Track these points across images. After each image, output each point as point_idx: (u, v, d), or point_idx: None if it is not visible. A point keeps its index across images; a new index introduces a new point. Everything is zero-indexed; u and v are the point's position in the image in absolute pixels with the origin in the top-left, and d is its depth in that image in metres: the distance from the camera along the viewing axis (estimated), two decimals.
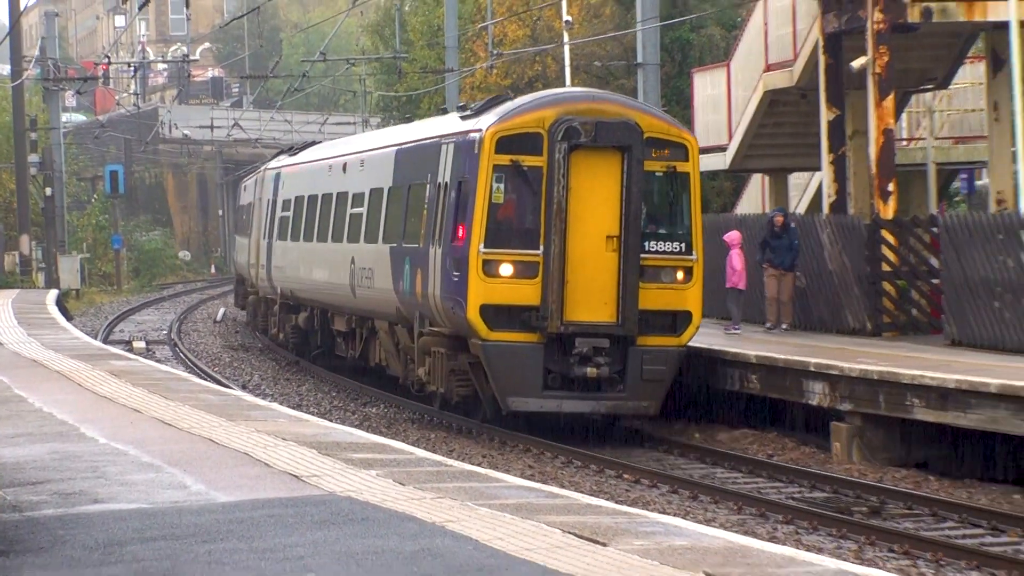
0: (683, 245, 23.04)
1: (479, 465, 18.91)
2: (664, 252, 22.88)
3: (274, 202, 37.95)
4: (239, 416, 18.35)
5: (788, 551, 10.75)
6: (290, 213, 35.50)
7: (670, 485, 20.44)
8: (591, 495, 16.68)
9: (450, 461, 16.14)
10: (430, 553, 10.25)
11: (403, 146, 27.56)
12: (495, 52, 43.03)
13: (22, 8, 56.63)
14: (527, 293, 22.32)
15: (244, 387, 31.30)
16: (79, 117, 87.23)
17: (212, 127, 74.63)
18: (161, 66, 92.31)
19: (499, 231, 22.44)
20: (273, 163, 40.11)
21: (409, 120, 41.02)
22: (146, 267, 74.65)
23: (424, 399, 26.27)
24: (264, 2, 45.79)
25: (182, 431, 17.03)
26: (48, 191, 58.24)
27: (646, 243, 22.52)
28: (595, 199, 22.45)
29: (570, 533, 10.74)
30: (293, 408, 24.64)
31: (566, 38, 40.11)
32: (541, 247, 22.16)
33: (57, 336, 32.77)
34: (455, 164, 23.70)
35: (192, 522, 11.53)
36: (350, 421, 26.01)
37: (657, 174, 22.96)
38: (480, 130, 22.71)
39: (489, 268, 22.21)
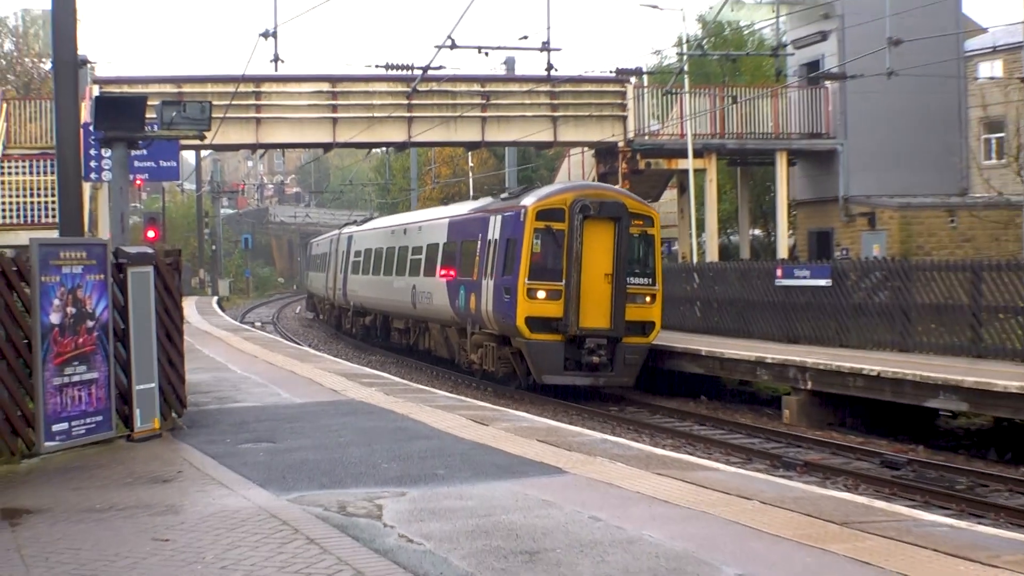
0: (651, 280, 31.73)
1: (444, 390, 31.87)
2: (639, 284, 31.40)
3: (348, 252, 55.73)
4: (307, 359, 31.75)
5: (579, 429, 19.37)
6: (361, 259, 51.96)
7: (600, 420, 28.59)
8: (493, 404, 27.36)
9: (410, 383, 26.42)
10: (402, 428, 17.55)
11: (455, 218, 38.43)
12: (436, 180, 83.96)
13: (203, 155, 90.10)
14: (554, 309, 30.77)
15: (309, 346, 47.70)
16: (228, 211, 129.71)
17: (295, 216, 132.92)
18: (270, 186, 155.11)
19: (537, 270, 31.02)
20: (345, 230, 59.52)
21: (393, 212, 69.17)
22: (261, 285, 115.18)
23: (464, 372, 37.42)
24: (321, 156, 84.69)
25: (278, 367, 28.85)
26: (214, 247, 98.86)
27: (628, 278, 30.97)
28: (598, 250, 30.71)
29: (470, 420, 18.63)
30: (333, 357, 36.59)
31: (471, 175, 73.90)
32: (563, 280, 30.65)
33: (217, 319, 54.45)
34: (503, 228, 32.54)
35: (283, 412, 19.59)
36: (372, 365, 39.71)
37: (635, 235, 31.40)
38: (525, 206, 31.47)
39: (531, 293, 30.93)
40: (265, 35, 31.67)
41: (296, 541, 10.49)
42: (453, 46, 33.10)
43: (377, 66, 39.33)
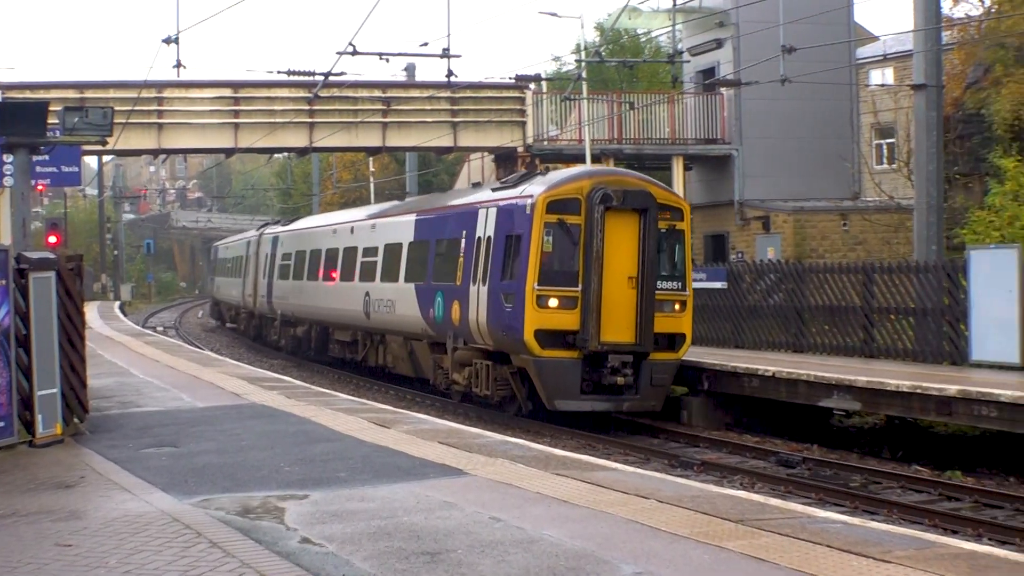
0: (680, 284, 27.08)
1: (346, 393, 31.64)
2: (668, 289, 26.69)
3: (273, 254, 50.20)
4: (209, 364, 31.53)
5: (480, 431, 19.52)
6: (291, 262, 46.85)
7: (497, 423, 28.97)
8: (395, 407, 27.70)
9: (312, 387, 26.45)
10: (303, 431, 17.80)
11: (424, 214, 33.75)
12: (337, 185, 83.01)
13: (105, 161, 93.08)
14: (569, 320, 25.85)
15: (212, 350, 46.96)
16: (130, 216, 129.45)
17: (197, 221, 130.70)
18: (172, 191, 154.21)
19: (548, 273, 26.01)
20: (268, 231, 53.66)
21: (296, 216, 59.26)
22: (163, 290, 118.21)
23: (439, 395, 32.42)
24: (223, 161, 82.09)
25: (180, 371, 28.81)
26: (116, 252, 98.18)
27: (656, 282, 26.29)
28: (621, 248, 26.00)
29: (372, 422, 18.83)
30: (235, 361, 36.62)
31: (372, 180, 71.38)
32: (579, 285, 25.75)
33: (119, 324, 54.22)
34: (501, 222, 27.62)
35: (185, 416, 19.80)
36: (274, 369, 40.14)
37: (663, 230, 26.54)
38: (532, 196, 26.39)
39: (541, 301, 25.86)
40: (168, 41, 31.47)
41: (199, 545, 10.56)
42: (354, 52, 33.09)
43: (279, 72, 39.21)
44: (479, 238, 28.59)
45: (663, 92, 49.25)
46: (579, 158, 44.30)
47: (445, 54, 35.85)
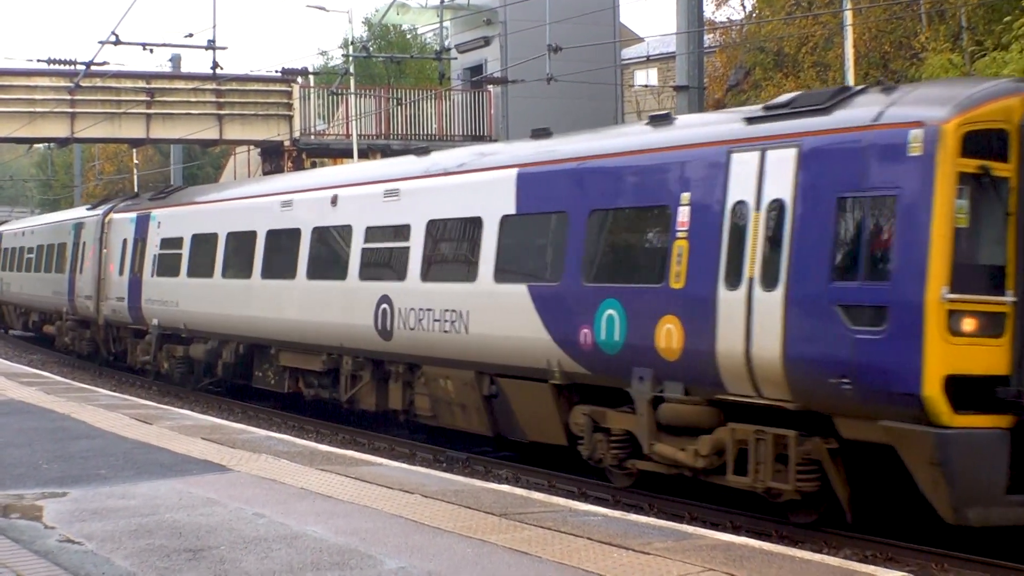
0: None
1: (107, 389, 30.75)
2: None
3: (142, 242, 35.25)
4: None
5: (244, 426, 19.75)
6: (184, 251, 32.15)
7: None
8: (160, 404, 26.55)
9: (73, 382, 26.10)
10: (62, 427, 17.95)
11: (540, 167, 19.95)
12: (100, 177, 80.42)
13: None
14: (994, 358, 14.36)
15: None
16: None
17: None
18: None
19: (964, 270, 14.40)
20: (127, 213, 37.96)
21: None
22: None
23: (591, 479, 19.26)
24: None
25: None
26: None
27: None
28: None
29: (134, 419, 18.87)
30: None
31: (136, 172, 69.23)
32: (1010, 291, 14.35)
33: None
34: (813, 174, 15.32)
35: None
36: (33, 364, 39.26)
37: None
38: (924, 122, 14.34)
39: (955, 322, 14.22)
40: None
41: None
42: (117, 42, 32.52)
43: (39, 60, 38.36)
44: (737, 205, 16.14)
45: (431, 88, 49.44)
46: (347, 152, 44.27)
47: (211, 46, 35.50)
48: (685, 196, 16.94)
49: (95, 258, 39.18)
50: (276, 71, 43.66)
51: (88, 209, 43.68)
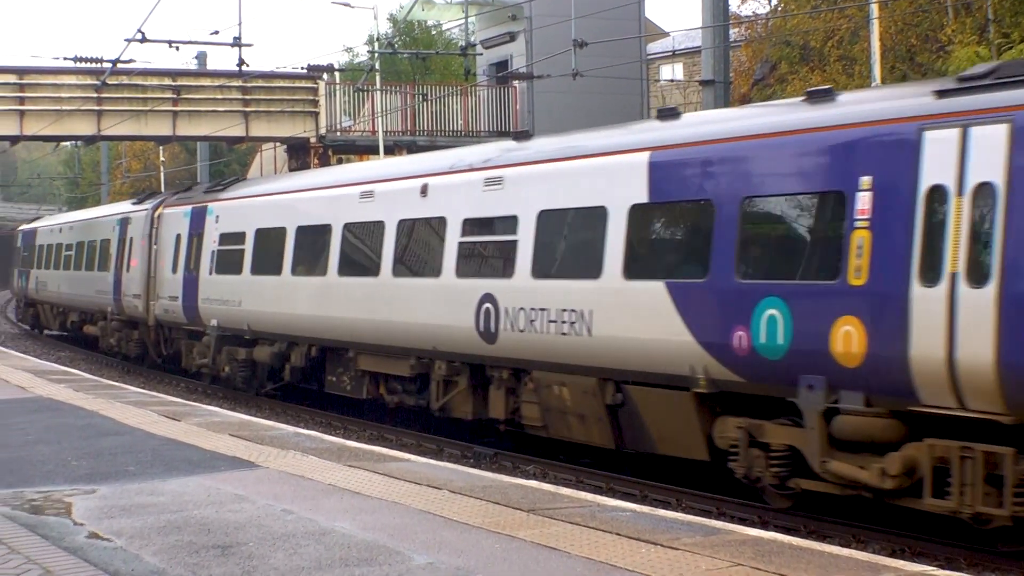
0: None
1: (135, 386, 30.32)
2: None
3: (197, 236, 32.68)
4: None
5: (272, 423, 19.90)
6: (245, 246, 29.61)
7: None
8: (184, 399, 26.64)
9: (101, 379, 26.14)
10: (91, 424, 17.96)
11: (682, 149, 17.38)
12: (127, 175, 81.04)
13: None
14: None
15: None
16: None
17: None
18: None
19: None
20: (177, 203, 35.74)
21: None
22: None
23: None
24: (8, 149, 63.77)
25: None
26: None
27: None
28: None
29: (162, 415, 18.89)
30: (21, 353, 35.89)
31: (163, 170, 70.33)
32: None
33: None
34: None
35: None
36: (61, 362, 38.93)
37: None
38: None
39: None
40: None
41: None
42: (143, 39, 32.55)
43: (66, 58, 38.44)
44: (933, 189, 13.99)
45: (456, 84, 49.44)
46: (372, 149, 44.29)
47: (236, 43, 35.51)
48: (865, 180, 14.72)
49: (144, 255, 36.71)
50: (302, 68, 43.79)
51: (134, 203, 41.45)
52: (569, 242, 19.44)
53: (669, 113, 18.78)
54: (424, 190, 22.71)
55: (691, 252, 17.09)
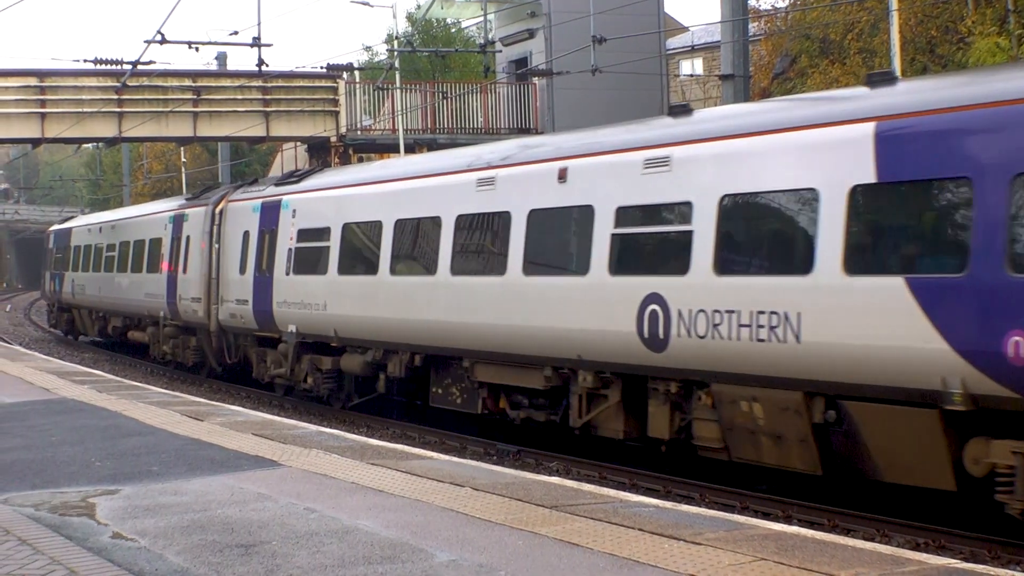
0: None
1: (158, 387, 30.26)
2: None
3: (269, 233, 29.44)
4: (17, 359, 31.00)
5: (295, 422, 19.81)
6: (330, 243, 26.34)
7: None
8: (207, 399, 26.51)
9: (124, 380, 26.14)
10: (114, 425, 17.91)
11: (933, 117, 13.87)
12: (148, 176, 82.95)
13: None
14: None
15: (21, 345, 46.03)
16: None
17: (3, 213, 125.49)
18: None
19: None
20: (241, 197, 32.42)
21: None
22: None
23: None
24: (30, 152, 73.80)
25: None
26: None
27: None
28: None
29: (185, 415, 18.89)
30: (45, 355, 35.68)
31: (184, 171, 69.90)
32: None
33: None
34: None
35: None
36: (84, 363, 40.27)
37: None
38: None
39: None
40: None
41: (7, 543, 10.34)
42: (163, 41, 32.61)
43: (86, 61, 38.55)
44: None
45: (476, 82, 49.46)
46: (393, 147, 44.32)
47: (256, 43, 35.57)
48: None
49: (205, 254, 33.25)
50: (321, 67, 43.82)
51: (188, 199, 38.29)
52: (763, 232, 16.39)
53: (880, 78, 15.81)
54: (562, 174, 19.52)
55: (941, 241, 13.97)
